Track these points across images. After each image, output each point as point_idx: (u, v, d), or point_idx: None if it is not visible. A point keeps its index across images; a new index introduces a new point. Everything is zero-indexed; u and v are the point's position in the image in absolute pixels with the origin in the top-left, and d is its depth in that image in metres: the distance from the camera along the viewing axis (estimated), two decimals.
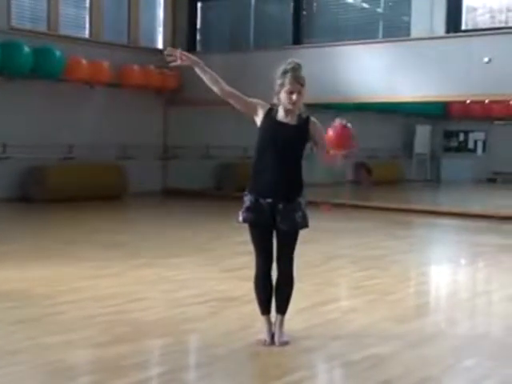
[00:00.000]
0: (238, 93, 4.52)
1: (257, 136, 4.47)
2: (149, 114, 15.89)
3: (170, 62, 4.54)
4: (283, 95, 4.34)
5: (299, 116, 4.43)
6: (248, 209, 4.42)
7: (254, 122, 4.52)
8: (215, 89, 4.49)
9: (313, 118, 4.47)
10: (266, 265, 4.48)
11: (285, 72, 4.34)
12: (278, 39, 15.78)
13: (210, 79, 4.49)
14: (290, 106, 4.35)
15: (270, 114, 4.43)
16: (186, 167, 16.20)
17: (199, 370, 4.18)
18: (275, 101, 4.42)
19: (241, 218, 4.46)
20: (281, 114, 4.42)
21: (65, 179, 13.64)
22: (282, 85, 4.33)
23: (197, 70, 4.51)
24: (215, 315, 5.29)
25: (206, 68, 4.51)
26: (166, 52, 4.54)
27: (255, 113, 4.48)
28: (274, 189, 4.37)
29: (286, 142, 4.36)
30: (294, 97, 4.31)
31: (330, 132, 4.36)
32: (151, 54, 15.83)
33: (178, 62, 4.52)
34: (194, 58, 4.54)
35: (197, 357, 4.54)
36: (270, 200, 4.36)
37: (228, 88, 4.49)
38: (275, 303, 4.56)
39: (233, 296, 5.90)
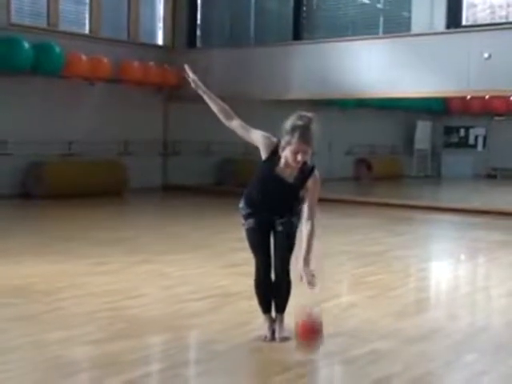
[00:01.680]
0: (242, 127, 4.42)
1: (257, 167, 4.44)
2: (149, 110, 15.87)
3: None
4: (288, 153, 4.19)
5: (304, 165, 4.28)
6: (247, 216, 4.48)
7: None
8: (220, 117, 4.49)
9: (316, 173, 4.34)
10: (265, 266, 4.49)
11: (293, 129, 4.15)
12: (278, 35, 15.76)
13: (216, 106, 4.49)
14: (293, 164, 4.24)
15: (273, 158, 4.30)
16: (186, 163, 16.19)
17: (199, 365, 4.17)
18: (280, 150, 4.25)
19: (246, 226, 4.50)
20: (281, 166, 4.30)
21: (65, 176, 13.63)
22: (289, 143, 4.16)
23: (205, 97, 4.51)
24: (215, 311, 5.28)
25: (213, 96, 4.50)
26: (186, 68, 4.62)
27: (260, 143, 4.35)
28: (268, 210, 4.43)
29: (282, 194, 4.37)
30: (299, 157, 4.18)
31: (298, 324, 4.18)
32: (151, 49, 15.84)
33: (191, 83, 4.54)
34: (203, 87, 4.51)
35: (196, 353, 4.54)
36: (266, 214, 4.44)
37: (234, 122, 4.46)
38: (274, 303, 4.57)
39: (232, 292, 5.90)
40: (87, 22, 14.94)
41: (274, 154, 4.30)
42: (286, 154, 4.23)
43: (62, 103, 14.19)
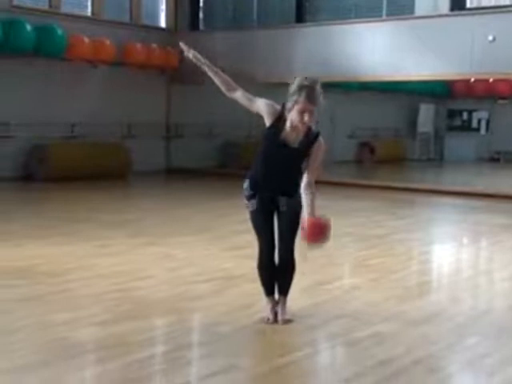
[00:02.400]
0: (246, 96, 4.41)
1: (262, 138, 4.44)
2: (152, 93, 15.85)
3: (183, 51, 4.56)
4: (294, 113, 4.22)
5: (309, 130, 4.32)
6: (251, 196, 4.46)
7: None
8: (223, 89, 4.47)
9: (321, 139, 4.36)
10: (269, 248, 4.50)
11: (300, 88, 4.20)
12: (281, 17, 15.70)
13: (218, 79, 4.45)
14: (299, 125, 4.25)
15: (277, 125, 4.31)
16: (189, 146, 16.19)
17: (203, 347, 4.21)
18: (286, 112, 4.27)
19: (250, 207, 4.49)
20: (287, 130, 4.31)
21: (68, 158, 13.65)
22: (296, 102, 4.19)
23: (207, 70, 4.47)
24: (219, 293, 5.32)
25: (214, 67, 4.48)
26: (181, 45, 4.60)
27: (264, 113, 4.36)
28: (272, 187, 4.42)
29: (286, 161, 4.36)
30: (306, 117, 4.20)
31: (305, 224, 4.28)
32: (154, 32, 15.79)
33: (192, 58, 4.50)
34: (204, 60, 4.48)
35: (200, 335, 4.57)
36: (270, 193, 4.43)
37: (237, 92, 4.43)
38: (277, 285, 4.59)
39: (236, 274, 5.93)
40: (89, 4, 14.89)
41: (279, 120, 4.31)
42: (292, 116, 4.24)
43: (64, 85, 14.17)
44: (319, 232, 4.29)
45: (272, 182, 4.42)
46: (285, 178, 4.42)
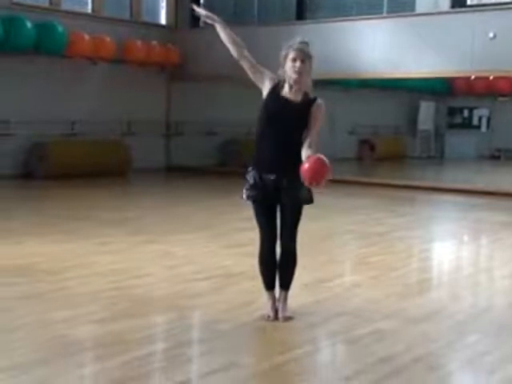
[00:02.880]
0: (251, 59, 4.49)
1: (260, 109, 4.43)
2: (152, 90, 15.83)
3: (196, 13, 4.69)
4: (288, 64, 4.30)
5: (305, 95, 4.37)
6: (252, 186, 4.42)
7: (260, 94, 4.48)
8: (231, 48, 4.52)
9: (319, 101, 4.37)
10: (270, 241, 4.49)
11: (291, 44, 4.34)
12: (281, 15, 15.68)
13: (229, 38, 4.51)
14: (294, 75, 4.28)
15: (276, 88, 4.39)
16: (189, 143, 16.17)
17: (202, 345, 4.20)
18: (280, 73, 4.36)
19: (245, 196, 4.45)
20: (286, 90, 4.37)
21: (68, 156, 13.63)
22: (287, 55, 4.31)
23: (217, 26, 4.55)
24: (219, 291, 5.31)
25: (228, 29, 4.55)
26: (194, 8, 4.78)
27: (262, 83, 4.44)
28: (275, 163, 4.36)
29: (287, 118, 4.32)
30: (298, 63, 4.26)
31: (306, 164, 4.07)
32: (154, 29, 15.77)
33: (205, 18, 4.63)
34: (217, 18, 4.60)
35: (200, 332, 4.56)
36: (273, 176, 4.36)
37: (244, 51, 4.50)
38: (279, 279, 4.57)
39: (236, 272, 5.92)
40: (90, 1, 14.87)
41: (277, 85, 4.37)
42: (286, 70, 4.31)
43: (64, 83, 14.16)
44: (321, 167, 4.05)
45: (273, 150, 4.33)
46: (287, 149, 4.32)
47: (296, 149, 4.30)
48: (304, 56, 4.28)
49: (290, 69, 4.29)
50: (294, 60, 4.27)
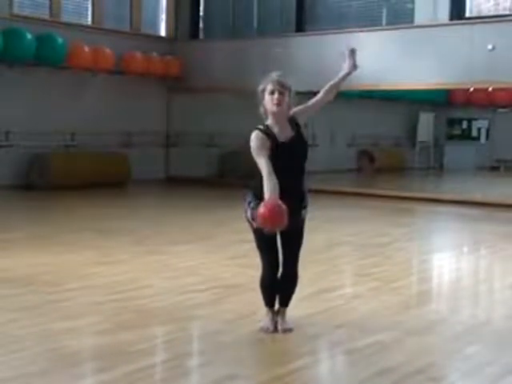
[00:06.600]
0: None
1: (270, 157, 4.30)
2: (151, 102, 15.88)
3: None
4: (266, 98, 4.25)
5: (290, 120, 4.34)
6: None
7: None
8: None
9: (294, 109, 4.39)
10: (273, 268, 4.48)
11: (266, 79, 4.30)
12: (281, 27, 15.74)
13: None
14: (274, 108, 4.22)
15: (269, 137, 4.24)
16: (188, 155, 16.20)
17: (203, 356, 4.19)
18: (261, 111, 4.31)
19: (250, 215, 4.33)
20: (276, 131, 4.28)
21: (68, 167, 13.66)
22: (264, 89, 4.26)
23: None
24: (219, 302, 5.31)
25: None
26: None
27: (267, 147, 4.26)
28: (287, 193, 4.16)
29: (292, 159, 4.31)
30: (276, 95, 4.21)
31: (262, 209, 4.00)
32: (154, 40, 15.84)
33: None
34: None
35: (200, 344, 4.56)
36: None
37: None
38: (279, 298, 4.59)
39: (236, 283, 5.92)
40: (90, 12, 14.93)
41: (267, 134, 4.25)
42: (265, 104, 4.27)
43: (64, 94, 14.20)
44: (277, 216, 3.99)
45: (287, 187, 4.17)
46: (298, 177, 4.36)
47: (301, 185, 4.41)
48: (282, 88, 4.24)
49: (268, 102, 4.25)
50: (272, 92, 4.23)
